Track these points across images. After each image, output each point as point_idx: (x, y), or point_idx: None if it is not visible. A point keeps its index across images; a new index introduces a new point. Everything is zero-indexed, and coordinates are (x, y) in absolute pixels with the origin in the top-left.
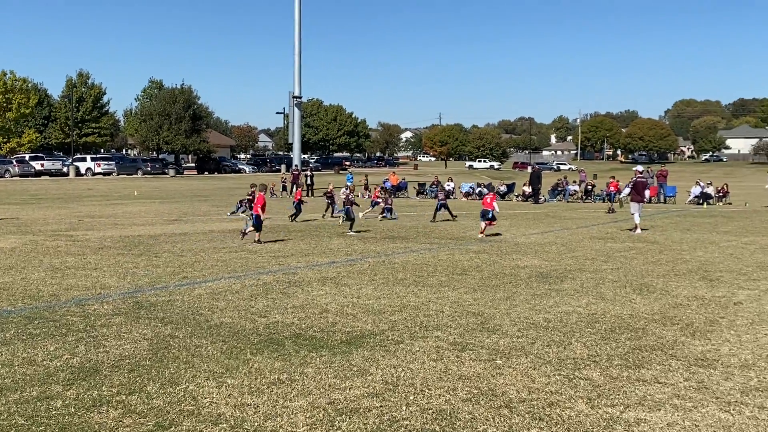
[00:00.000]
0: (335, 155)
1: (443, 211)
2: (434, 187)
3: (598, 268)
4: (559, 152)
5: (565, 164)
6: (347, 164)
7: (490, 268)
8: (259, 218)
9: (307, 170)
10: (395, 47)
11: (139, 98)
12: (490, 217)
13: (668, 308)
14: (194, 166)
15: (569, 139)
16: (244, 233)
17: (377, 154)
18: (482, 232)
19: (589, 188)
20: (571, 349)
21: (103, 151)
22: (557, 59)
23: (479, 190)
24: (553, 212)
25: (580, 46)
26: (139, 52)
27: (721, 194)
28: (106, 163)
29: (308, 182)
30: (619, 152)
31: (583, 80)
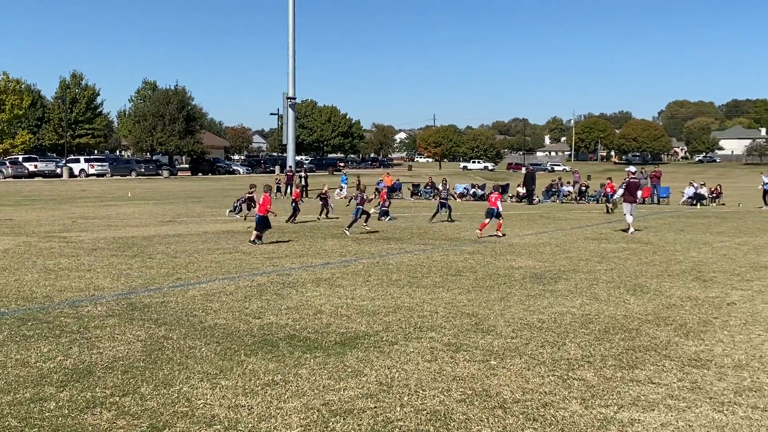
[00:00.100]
0: (329, 156)
1: (443, 210)
2: (429, 188)
3: (592, 268)
4: (553, 153)
5: (559, 165)
6: (341, 165)
7: (484, 269)
8: (264, 219)
9: (301, 171)
10: (389, 48)
11: (132, 99)
12: (495, 214)
13: (662, 309)
14: (188, 167)
15: (563, 140)
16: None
17: (371, 155)
18: (481, 231)
19: (583, 189)
20: (565, 349)
21: (96, 152)
22: (551, 60)
23: (473, 191)
24: (547, 213)
25: (573, 47)
26: (132, 53)
27: (714, 195)
28: (99, 164)
29: (302, 183)
30: (612, 153)
31: (577, 81)
